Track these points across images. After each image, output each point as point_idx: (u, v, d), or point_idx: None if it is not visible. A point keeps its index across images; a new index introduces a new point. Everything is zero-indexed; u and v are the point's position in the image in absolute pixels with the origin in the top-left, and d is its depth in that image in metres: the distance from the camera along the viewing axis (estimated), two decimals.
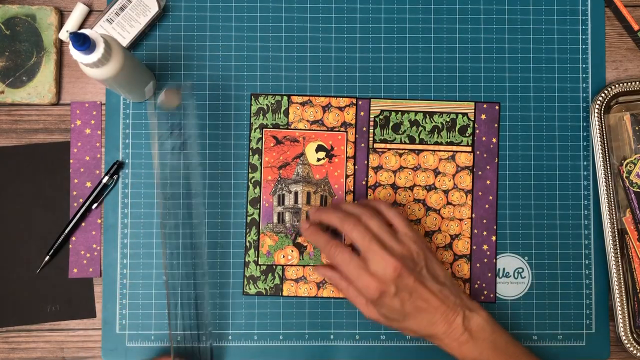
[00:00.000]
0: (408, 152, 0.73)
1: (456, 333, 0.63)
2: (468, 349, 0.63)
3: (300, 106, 0.72)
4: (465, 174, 0.73)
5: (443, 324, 0.63)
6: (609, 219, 0.70)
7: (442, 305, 0.63)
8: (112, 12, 0.70)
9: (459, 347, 0.63)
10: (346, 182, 0.72)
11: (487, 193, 0.72)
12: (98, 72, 0.59)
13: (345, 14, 0.73)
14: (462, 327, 0.63)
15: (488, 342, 0.63)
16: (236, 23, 0.73)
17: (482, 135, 0.72)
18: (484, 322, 0.64)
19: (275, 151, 0.72)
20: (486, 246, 0.72)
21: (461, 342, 0.63)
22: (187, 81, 0.71)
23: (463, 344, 0.63)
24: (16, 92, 0.71)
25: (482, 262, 0.72)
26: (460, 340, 0.63)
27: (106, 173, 0.71)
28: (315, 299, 0.71)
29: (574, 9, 0.74)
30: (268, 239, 0.72)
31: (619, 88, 0.72)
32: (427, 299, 0.63)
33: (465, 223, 0.72)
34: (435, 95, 0.72)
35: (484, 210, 0.72)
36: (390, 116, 0.72)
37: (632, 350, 0.69)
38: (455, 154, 0.73)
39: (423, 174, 0.73)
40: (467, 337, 0.63)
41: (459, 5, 0.73)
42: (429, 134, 0.73)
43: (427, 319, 0.63)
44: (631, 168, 0.72)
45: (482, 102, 0.73)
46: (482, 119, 0.73)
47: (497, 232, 0.72)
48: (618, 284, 0.70)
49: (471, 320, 0.63)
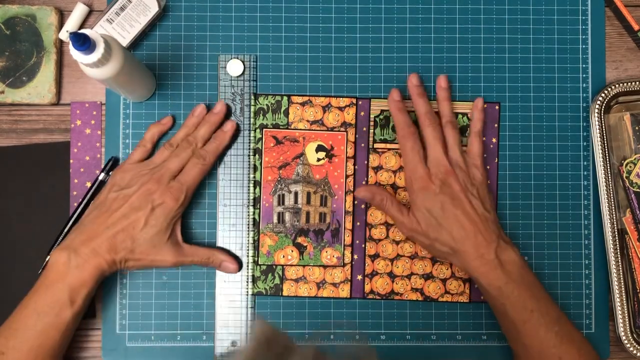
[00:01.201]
0: None
1: (488, 257, 0.64)
2: (495, 276, 0.63)
3: (300, 106, 0.72)
4: None
5: (476, 243, 0.64)
6: (609, 219, 0.70)
7: (480, 224, 0.64)
8: (112, 12, 0.70)
9: (487, 271, 0.64)
10: (346, 182, 0.72)
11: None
12: (98, 72, 0.59)
13: (345, 14, 0.73)
14: (494, 253, 0.64)
15: (516, 276, 0.64)
16: (236, 23, 0.73)
17: (482, 136, 0.72)
18: (516, 257, 0.65)
19: (275, 151, 0.72)
20: None
21: (491, 267, 0.64)
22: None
23: (492, 269, 0.64)
24: (16, 92, 0.71)
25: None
26: (490, 265, 0.64)
27: (102, 170, 0.71)
28: (315, 299, 0.71)
29: (574, 9, 0.74)
30: (268, 239, 0.72)
31: (619, 88, 0.72)
32: (467, 212, 0.65)
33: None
34: (435, 95, 0.72)
35: None
36: (391, 116, 0.72)
37: (632, 350, 0.69)
38: None
39: None
40: (497, 264, 0.64)
41: (459, 5, 0.73)
42: None
43: (462, 234, 0.64)
44: (631, 168, 0.72)
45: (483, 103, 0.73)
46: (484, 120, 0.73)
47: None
48: (618, 284, 0.70)
49: (505, 252, 0.64)
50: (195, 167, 0.66)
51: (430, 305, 0.71)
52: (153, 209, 0.64)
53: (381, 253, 0.72)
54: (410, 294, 0.71)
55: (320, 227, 0.72)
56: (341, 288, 0.71)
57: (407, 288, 0.71)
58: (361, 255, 0.72)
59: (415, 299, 0.71)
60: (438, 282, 0.71)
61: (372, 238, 0.72)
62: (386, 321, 0.71)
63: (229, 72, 0.72)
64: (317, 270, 0.71)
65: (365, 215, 0.72)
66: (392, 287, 0.71)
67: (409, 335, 0.71)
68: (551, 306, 0.65)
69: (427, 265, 0.72)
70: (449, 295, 0.71)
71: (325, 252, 0.71)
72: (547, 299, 0.65)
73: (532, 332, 0.63)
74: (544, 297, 0.65)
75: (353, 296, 0.71)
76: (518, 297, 0.63)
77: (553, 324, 0.63)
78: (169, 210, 0.64)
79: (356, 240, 0.72)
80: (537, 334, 0.63)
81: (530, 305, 0.63)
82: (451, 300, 0.71)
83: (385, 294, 0.71)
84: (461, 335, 0.71)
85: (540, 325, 0.63)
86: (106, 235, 0.63)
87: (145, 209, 0.64)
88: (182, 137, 0.68)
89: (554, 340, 0.63)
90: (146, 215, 0.64)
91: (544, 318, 0.63)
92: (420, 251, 0.72)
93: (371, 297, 0.71)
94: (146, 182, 0.65)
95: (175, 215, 0.65)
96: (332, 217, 0.72)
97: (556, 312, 0.65)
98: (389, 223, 0.72)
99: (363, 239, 0.72)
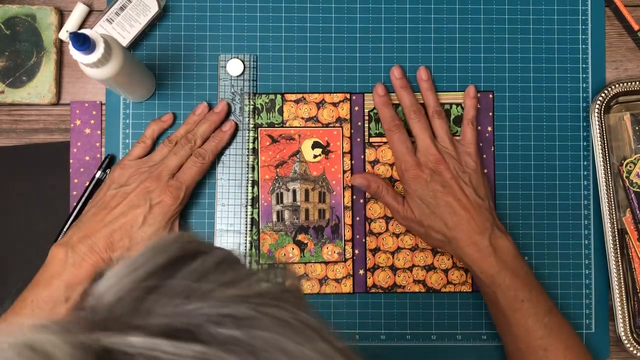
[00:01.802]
0: None
1: (481, 244, 0.63)
2: (488, 263, 0.63)
3: (294, 104, 0.72)
4: None
5: (469, 230, 0.64)
6: (609, 219, 0.70)
7: (473, 210, 0.64)
8: (112, 12, 0.70)
9: (480, 258, 0.64)
10: (344, 178, 0.72)
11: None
12: (98, 72, 0.59)
13: (345, 14, 0.73)
14: (488, 240, 0.64)
15: (509, 264, 0.64)
16: (236, 23, 0.73)
17: (477, 125, 0.72)
18: (510, 245, 0.65)
19: (271, 150, 0.72)
20: None
21: (484, 254, 0.63)
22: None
23: (485, 257, 0.63)
24: (16, 92, 0.71)
25: None
26: (484, 252, 0.63)
27: (99, 168, 0.71)
28: (315, 298, 0.71)
29: (574, 9, 0.74)
30: (268, 238, 0.72)
31: (619, 88, 0.71)
32: (459, 199, 0.65)
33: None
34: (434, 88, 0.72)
35: None
36: None
37: (632, 350, 0.69)
38: None
39: None
40: (491, 251, 0.63)
41: (459, 5, 0.73)
42: None
43: (455, 220, 0.64)
44: (631, 168, 0.72)
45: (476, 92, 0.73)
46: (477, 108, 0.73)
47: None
48: (618, 284, 0.70)
49: (499, 239, 0.64)
50: (194, 165, 0.66)
51: (432, 299, 0.71)
52: (151, 207, 0.64)
53: (382, 246, 0.72)
54: (412, 286, 0.71)
55: (320, 223, 0.72)
56: (343, 283, 0.71)
57: (409, 280, 0.72)
58: (362, 250, 0.72)
59: (418, 290, 0.71)
60: (440, 272, 0.72)
61: (372, 232, 0.72)
62: (386, 321, 0.71)
63: (229, 72, 0.72)
64: (318, 267, 0.71)
65: (365, 210, 0.72)
66: (394, 280, 0.72)
67: (409, 335, 0.71)
68: (542, 297, 0.64)
69: (428, 256, 0.72)
70: (452, 286, 0.71)
71: (326, 249, 0.72)
72: (539, 289, 0.65)
73: (520, 322, 0.63)
74: (536, 287, 0.64)
75: (356, 291, 0.71)
76: (510, 286, 0.63)
77: (543, 315, 0.63)
78: (167, 208, 0.64)
79: (356, 235, 0.72)
80: (526, 323, 0.62)
81: (521, 295, 0.63)
82: (454, 291, 0.71)
83: (387, 287, 0.71)
84: (461, 335, 0.71)
85: (530, 316, 0.63)
86: (103, 232, 0.63)
87: (143, 207, 0.64)
88: (182, 134, 0.68)
89: (542, 331, 0.62)
90: (144, 213, 0.64)
91: (534, 308, 0.63)
92: (420, 243, 0.72)
93: (374, 291, 0.71)
94: (145, 180, 0.65)
95: (174, 213, 0.65)
96: (332, 213, 0.72)
97: (547, 304, 0.64)
98: (389, 216, 0.72)
99: (363, 233, 0.72)
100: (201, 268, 0.32)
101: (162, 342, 0.27)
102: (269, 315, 0.30)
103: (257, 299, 0.31)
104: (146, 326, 0.29)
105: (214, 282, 0.31)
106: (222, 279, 0.32)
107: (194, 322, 0.29)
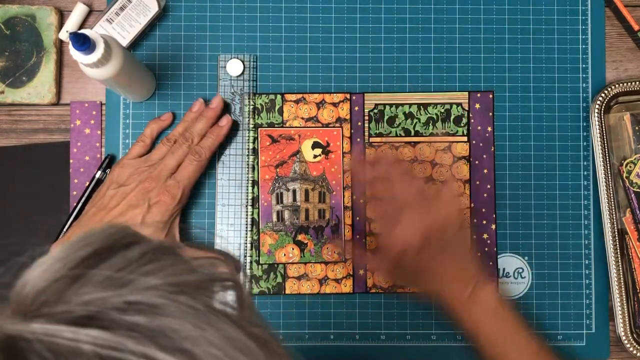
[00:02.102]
0: (404, 145, 0.73)
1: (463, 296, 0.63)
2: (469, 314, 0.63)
3: (294, 104, 0.72)
4: (462, 164, 0.73)
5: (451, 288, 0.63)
6: (609, 219, 0.70)
7: (460, 272, 0.63)
8: (112, 12, 0.70)
9: (461, 310, 0.63)
10: (344, 178, 0.72)
11: (485, 182, 0.72)
12: (98, 72, 0.59)
13: (345, 14, 0.73)
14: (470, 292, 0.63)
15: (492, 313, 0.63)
16: (236, 23, 0.73)
17: (477, 125, 0.72)
18: (492, 295, 0.63)
19: (271, 150, 0.72)
20: (486, 235, 0.72)
21: (464, 306, 0.63)
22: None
23: (466, 308, 0.63)
24: (16, 92, 0.71)
25: (483, 253, 0.72)
26: (465, 304, 0.63)
27: (99, 168, 0.71)
28: (315, 298, 0.71)
29: (574, 9, 0.74)
30: (268, 238, 0.72)
31: (619, 88, 0.71)
32: (446, 266, 0.63)
33: (465, 213, 0.72)
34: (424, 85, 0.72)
35: (483, 199, 0.72)
36: (385, 110, 0.72)
37: (632, 350, 0.69)
38: (451, 144, 0.73)
39: (420, 166, 0.73)
40: (472, 302, 0.63)
41: (459, 5, 0.73)
42: (424, 125, 0.73)
43: (440, 283, 0.63)
44: (631, 168, 0.72)
45: (476, 92, 0.73)
46: (477, 108, 0.73)
47: (497, 222, 0.72)
48: (618, 284, 0.70)
49: (481, 291, 0.63)
50: (191, 164, 0.66)
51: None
52: (150, 207, 0.64)
53: None
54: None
55: (320, 223, 0.72)
56: (343, 283, 0.71)
57: None
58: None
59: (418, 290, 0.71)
60: None
61: (372, 232, 0.72)
62: (386, 321, 0.71)
63: (228, 72, 0.72)
64: (318, 267, 0.71)
65: (365, 210, 0.72)
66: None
67: (409, 335, 0.71)
68: (530, 341, 0.63)
69: None
70: None
71: (326, 249, 0.72)
72: (526, 333, 0.63)
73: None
74: (523, 332, 0.63)
75: (356, 291, 0.71)
76: (497, 334, 0.62)
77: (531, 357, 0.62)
78: (166, 208, 0.64)
79: (356, 235, 0.72)
80: None
81: (507, 340, 0.62)
82: None
83: (387, 287, 0.71)
84: (461, 336, 0.71)
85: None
86: None
87: (142, 207, 0.64)
88: (180, 132, 0.68)
89: None
90: (143, 213, 0.64)
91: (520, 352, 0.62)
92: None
93: (374, 292, 0.71)
94: (144, 180, 0.65)
95: (173, 213, 0.65)
96: (332, 213, 0.72)
97: (536, 346, 0.63)
98: None
99: (363, 233, 0.72)
100: (125, 258, 0.32)
101: (62, 328, 0.29)
102: (178, 303, 0.31)
103: (173, 288, 0.32)
104: (52, 314, 0.30)
105: (136, 272, 0.32)
106: (144, 269, 0.32)
107: (97, 309, 0.30)
